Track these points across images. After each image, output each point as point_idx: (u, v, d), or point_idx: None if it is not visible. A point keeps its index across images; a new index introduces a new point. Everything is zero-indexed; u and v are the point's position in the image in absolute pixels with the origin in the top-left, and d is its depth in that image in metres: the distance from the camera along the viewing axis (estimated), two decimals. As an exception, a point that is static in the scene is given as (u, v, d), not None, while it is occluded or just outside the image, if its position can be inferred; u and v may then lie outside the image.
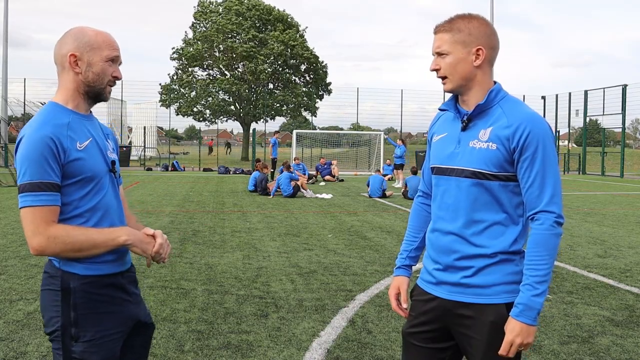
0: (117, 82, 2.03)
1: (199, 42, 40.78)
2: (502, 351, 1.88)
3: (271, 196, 14.63)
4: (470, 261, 1.97)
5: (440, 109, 2.13)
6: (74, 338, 1.87)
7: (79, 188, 1.89)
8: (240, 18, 41.00)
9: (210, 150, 41.45)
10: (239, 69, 41.63)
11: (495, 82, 2.02)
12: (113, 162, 2.04)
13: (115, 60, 2.00)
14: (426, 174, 2.22)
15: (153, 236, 2.00)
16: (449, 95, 2.14)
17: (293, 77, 44.02)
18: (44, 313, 1.93)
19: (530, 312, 1.86)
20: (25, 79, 35.72)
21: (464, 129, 1.99)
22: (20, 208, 1.84)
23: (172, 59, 42.27)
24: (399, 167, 20.30)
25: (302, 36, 42.90)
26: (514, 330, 1.86)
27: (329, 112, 54.51)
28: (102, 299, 1.93)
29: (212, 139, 42.23)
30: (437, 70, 2.01)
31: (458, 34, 1.95)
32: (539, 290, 1.85)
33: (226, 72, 41.96)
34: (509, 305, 1.93)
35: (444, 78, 2.01)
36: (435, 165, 2.07)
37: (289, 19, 43.01)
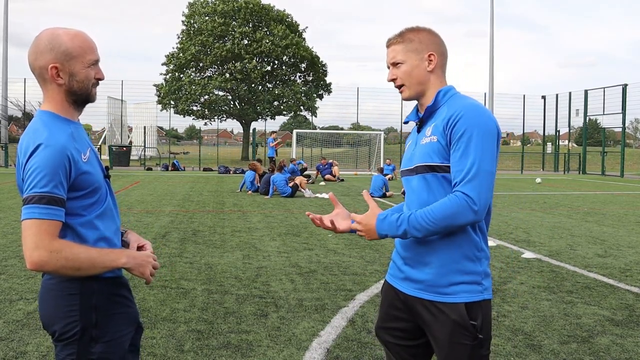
0: (100, 82, 1.96)
1: (192, 47, 40.32)
2: (339, 227, 2.12)
3: (269, 196, 14.63)
4: (431, 257, 2.00)
5: (404, 122, 2.28)
6: (94, 339, 1.86)
7: (86, 200, 1.87)
8: (230, 20, 40.53)
9: (275, 153, 35.76)
10: (231, 69, 41.29)
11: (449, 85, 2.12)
12: (107, 168, 2.04)
13: (96, 62, 1.93)
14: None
15: (143, 247, 2.05)
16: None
17: (292, 77, 43.85)
18: (54, 319, 1.86)
19: (387, 226, 1.95)
20: (25, 79, 35.78)
21: (418, 131, 2.13)
22: (24, 219, 1.75)
23: (164, 64, 41.90)
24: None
25: (299, 35, 42.57)
26: (364, 222, 2.00)
27: (329, 112, 54.51)
28: (118, 299, 1.96)
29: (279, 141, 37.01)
30: (394, 80, 2.12)
31: (410, 44, 2.08)
32: (403, 228, 1.92)
33: (225, 72, 41.79)
34: (467, 305, 1.95)
35: (401, 87, 2.11)
36: (402, 169, 2.20)
37: (287, 19, 42.65)
